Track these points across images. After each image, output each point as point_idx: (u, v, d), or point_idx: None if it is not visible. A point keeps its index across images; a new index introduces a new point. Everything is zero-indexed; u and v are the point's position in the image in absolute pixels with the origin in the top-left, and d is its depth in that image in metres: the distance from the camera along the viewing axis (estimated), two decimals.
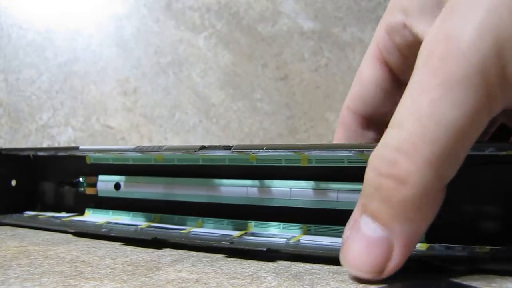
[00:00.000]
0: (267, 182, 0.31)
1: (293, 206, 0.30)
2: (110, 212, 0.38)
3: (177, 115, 0.60)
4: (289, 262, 0.23)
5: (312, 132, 0.57)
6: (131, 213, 0.37)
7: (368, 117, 0.31)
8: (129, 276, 0.21)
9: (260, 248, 0.25)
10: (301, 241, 0.27)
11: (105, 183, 0.38)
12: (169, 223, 0.34)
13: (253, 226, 0.31)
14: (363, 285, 0.19)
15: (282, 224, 0.31)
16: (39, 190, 0.43)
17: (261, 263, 0.23)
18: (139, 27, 0.63)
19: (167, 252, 0.26)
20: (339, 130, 0.32)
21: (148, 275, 0.21)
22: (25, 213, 0.41)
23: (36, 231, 0.34)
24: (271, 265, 0.23)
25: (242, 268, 0.22)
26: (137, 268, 0.22)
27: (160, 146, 0.32)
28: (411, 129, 0.18)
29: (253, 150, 0.29)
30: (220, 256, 0.25)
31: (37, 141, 0.59)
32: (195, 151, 0.30)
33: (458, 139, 0.17)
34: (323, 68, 0.60)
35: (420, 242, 0.26)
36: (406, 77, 0.20)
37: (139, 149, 0.33)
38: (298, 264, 0.23)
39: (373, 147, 0.20)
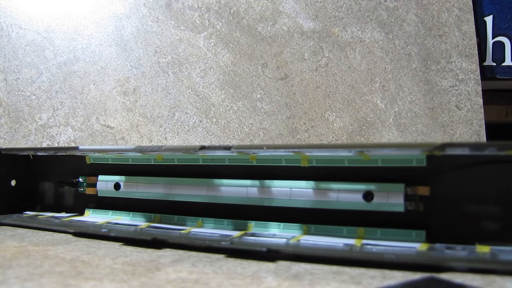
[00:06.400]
0: (267, 182, 0.31)
1: (293, 206, 0.30)
2: (110, 212, 0.38)
3: (177, 115, 0.60)
4: (289, 262, 0.23)
5: (312, 132, 0.57)
6: (131, 213, 0.37)
7: None
8: (129, 276, 0.21)
9: (260, 248, 0.25)
10: (301, 241, 0.27)
11: (105, 183, 0.38)
12: (169, 223, 0.34)
13: (253, 226, 0.31)
14: (364, 285, 0.19)
15: (282, 224, 0.31)
16: (39, 190, 0.43)
17: (261, 263, 0.23)
18: (139, 27, 0.63)
19: (167, 252, 0.26)
20: None
21: (148, 275, 0.21)
22: (25, 213, 0.41)
23: (36, 231, 0.34)
24: (271, 265, 0.23)
25: (242, 268, 0.22)
26: (137, 268, 0.22)
27: (160, 146, 0.32)
28: None
29: (253, 150, 0.29)
30: (220, 256, 0.25)
31: (37, 141, 0.59)
32: (195, 151, 0.30)
33: None
34: (323, 68, 0.60)
35: (420, 242, 0.26)
36: None
37: (139, 149, 0.33)
38: (298, 264, 0.23)
39: (374, 146, 0.20)
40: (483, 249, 0.23)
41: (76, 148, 0.36)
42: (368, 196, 0.28)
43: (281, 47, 0.62)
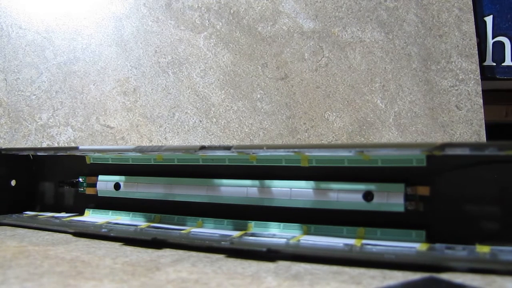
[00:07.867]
0: (267, 182, 0.31)
1: (293, 206, 0.30)
2: (110, 212, 0.38)
3: (177, 115, 0.60)
4: (289, 262, 0.23)
5: (312, 132, 0.57)
6: (131, 213, 0.37)
7: None
8: (129, 276, 0.21)
9: (260, 248, 0.25)
10: (301, 241, 0.27)
11: (105, 183, 0.38)
12: (169, 223, 0.34)
13: (253, 226, 0.31)
14: (364, 285, 0.19)
15: (282, 224, 0.31)
16: (39, 190, 0.43)
17: (261, 263, 0.23)
18: (139, 26, 0.63)
19: (167, 252, 0.26)
20: None
21: (148, 275, 0.21)
22: (25, 213, 0.41)
23: (36, 231, 0.34)
24: (271, 265, 0.23)
25: (242, 268, 0.22)
26: (137, 268, 0.22)
27: (160, 146, 0.32)
28: None
29: (253, 150, 0.29)
30: (220, 256, 0.25)
31: (37, 141, 0.59)
32: (195, 151, 0.30)
33: None
34: (323, 68, 0.60)
35: (420, 242, 0.26)
36: None
37: (139, 149, 0.33)
38: (298, 264, 0.23)
39: (374, 146, 0.20)
40: (483, 249, 0.23)
41: (76, 148, 0.36)
42: (368, 196, 0.28)
43: (281, 47, 0.62)
